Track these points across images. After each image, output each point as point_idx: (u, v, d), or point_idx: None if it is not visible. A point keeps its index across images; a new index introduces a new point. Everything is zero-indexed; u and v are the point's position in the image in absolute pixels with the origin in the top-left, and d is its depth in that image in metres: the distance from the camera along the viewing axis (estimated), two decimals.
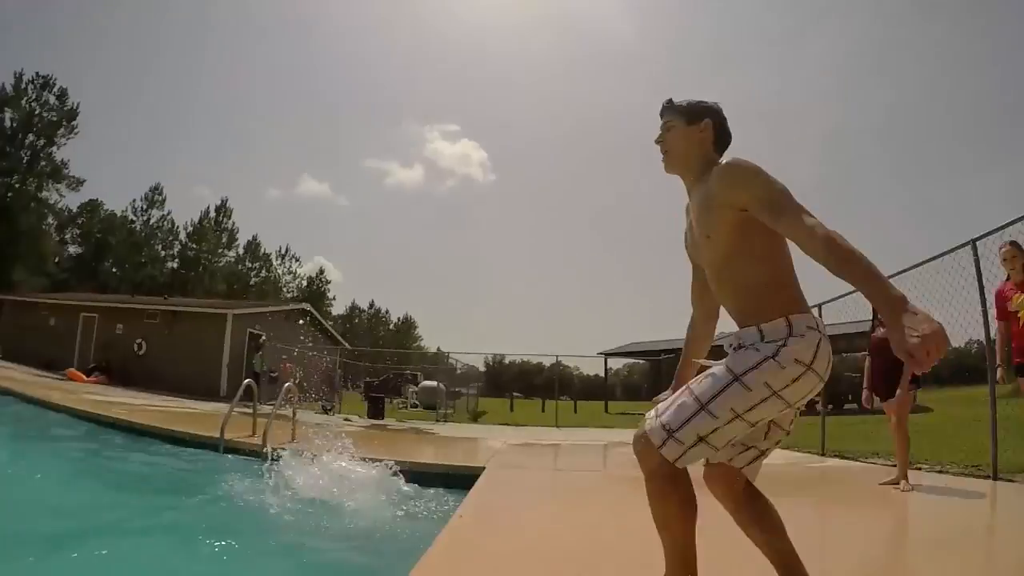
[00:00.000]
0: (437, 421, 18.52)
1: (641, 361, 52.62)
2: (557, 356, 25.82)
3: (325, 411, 18.59)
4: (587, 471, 7.09)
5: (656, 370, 36.87)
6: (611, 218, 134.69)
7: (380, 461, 6.96)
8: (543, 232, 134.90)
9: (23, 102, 54.94)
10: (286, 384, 9.05)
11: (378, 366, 30.99)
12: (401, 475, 6.49)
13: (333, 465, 6.91)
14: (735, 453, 2.15)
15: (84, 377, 22.04)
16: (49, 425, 9.55)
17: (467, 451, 9.33)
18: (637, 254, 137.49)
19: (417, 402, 21.78)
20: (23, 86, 55.34)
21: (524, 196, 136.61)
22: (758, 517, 2.20)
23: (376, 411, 17.43)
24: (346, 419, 16.02)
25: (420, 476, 6.53)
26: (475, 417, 20.48)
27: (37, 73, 56.26)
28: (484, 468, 6.51)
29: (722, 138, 2.30)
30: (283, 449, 7.63)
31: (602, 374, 47.55)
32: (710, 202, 2.11)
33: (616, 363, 58.90)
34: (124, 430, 9.32)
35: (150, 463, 7.60)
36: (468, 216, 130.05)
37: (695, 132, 2.27)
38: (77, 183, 59.68)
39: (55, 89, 56.86)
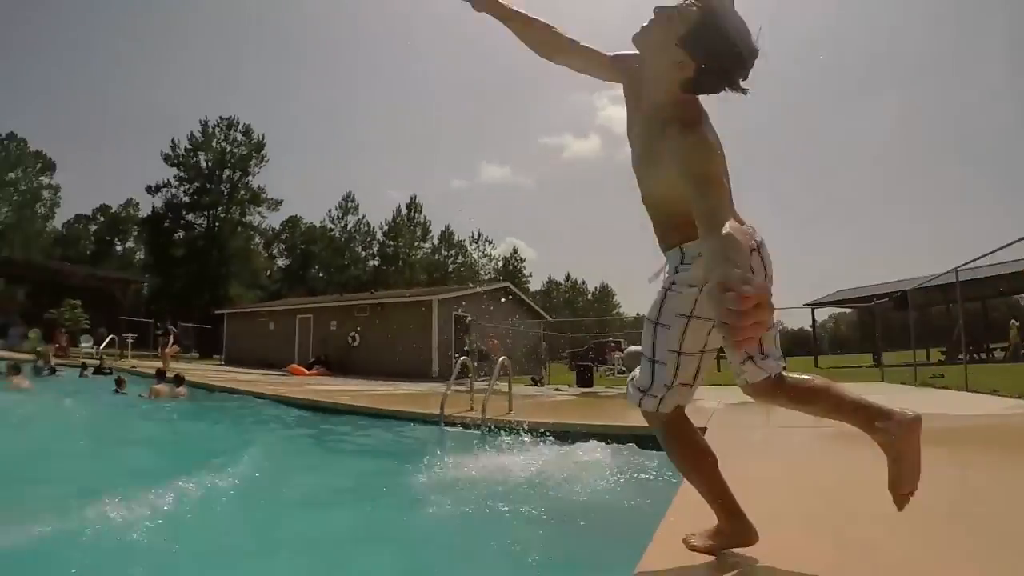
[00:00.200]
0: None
1: (848, 311, 49.75)
2: None
3: (534, 383, 18.68)
4: (808, 427, 6.65)
5: (867, 318, 33.16)
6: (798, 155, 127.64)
7: (595, 425, 6.92)
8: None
9: (214, 143, 61.91)
10: (501, 358, 9.09)
11: (580, 336, 31.07)
12: (615, 439, 6.37)
13: (549, 432, 6.95)
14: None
15: (305, 371, 23.67)
16: (281, 416, 10.08)
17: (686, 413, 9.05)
18: (838, 188, 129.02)
19: (624, 368, 21.55)
20: (211, 130, 62.61)
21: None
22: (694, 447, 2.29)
23: (585, 379, 17.21)
24: (556, 389, 16.01)
25: (639, 439, 6.36)
26: None
27: (221, 117, 63.41)
28: (705, 428, 6.25)
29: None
30: (501, 420, 7.75)
31: (807, 327, 45.07)
32: (656, 155, 1.99)
33: (820, 315, 55.99)
34: (349, 414, 9.66)
35: (379, 440, 7.91)
36: None
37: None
38: (275, 204, 66.47)
39: (240, 127, 63.85)
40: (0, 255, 39.58)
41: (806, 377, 2.11)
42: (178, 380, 12.89)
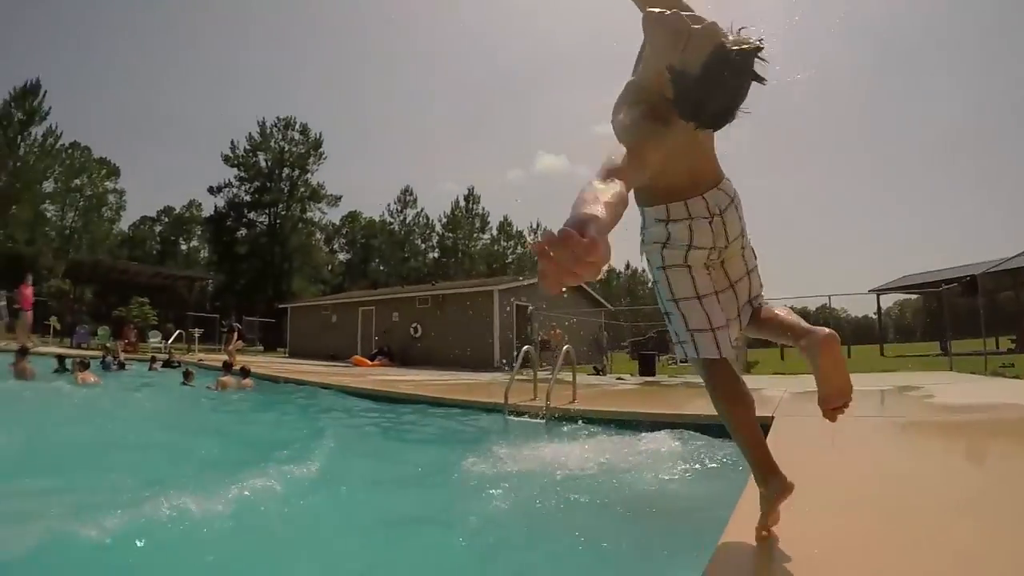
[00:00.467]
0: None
1: (913, 296, 48.22)
2: (829, 296, 22.71)
3: (597, 372, 18.54)
4: (876, 416, 6.54)
5: (934, 305, 32.01)
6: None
7: (661, 414, 6.88)
8: (784, 166, 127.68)
9: (272, 143, 63.84)
10: (565, 347, 9.07)
11: (640, 324, 30.81)
12: (681, 428, 6.27)
13: (614, 420, 6.92)
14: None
15: (368, 362, 24.05)
16: (346, 405, 10.20)
17: None
18: (904, 170, 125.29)
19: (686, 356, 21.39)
20: (269, 130, 64.59)
21: (762, 130, 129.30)
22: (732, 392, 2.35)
23: (647, 368, 17.10)
24: (618, 378, 15.87)
25: (707, 427, 6.33)
26: (747, 368, 19.67)
27: (278, 117, 65.42)
28: (772, 417, 6.19)
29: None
30: (565, 409, 7.73)
31: (871, 315, 43.81)
32: None
33: (885, 302, 54.16)
34: (412, 403, 9.76)
35: (443, 429, 7.95)
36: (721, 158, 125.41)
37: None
38: (335, 200, 68.06)
39: (297, 127, 65.76)
40: (68, 258, 40.93)
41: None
42: (244, 372, 13.19)
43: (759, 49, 1.86)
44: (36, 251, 51.65)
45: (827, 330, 2.15)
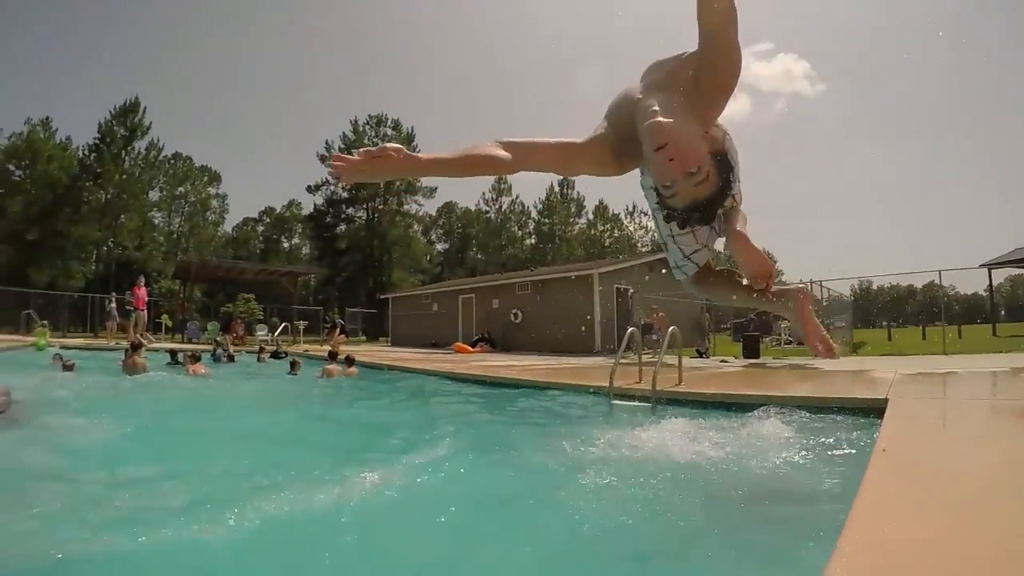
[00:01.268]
0: (814, 356, 17.28)
1: None
2: (939, 271, 20.29)
3: (700, 354, 18.27)
4: (987, 400, 6.24)
5: None
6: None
7: (772, 396, 6.70)
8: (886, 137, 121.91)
9: (366, 140, 65.58)
10: (671, 328, 8.94)
11: (742, 306, 29.97)
12: (794, 410, 6.13)
13: (724, 403, 6.83)
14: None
15: (470, 348, 24.40)
16: (452, 391, 10.34)
17: (862, 383, 8.60)
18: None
19: (791, 338, 20.74)
20: (361, 128, 66.97)
21: (863, 97, 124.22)
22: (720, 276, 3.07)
23: (751, 350, 16.74)
24: (723, 360, 15.65)
25: (821, 409, 6.17)
26: (853, 348, 19.05)
27: (370, 115, 68.04)
28: (886, 399, 6.00)
29: None
30: (672, 392, 7.66)
31: (983, 291, 41.12)
32: None
33: (997, 277, 50.60)
34: (516, 387, 9.84)
35: (548, 413, 7.90)
36: (806, 133, 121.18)
37: None
38: (430, 192, 69.53)
39: (389, 122, 68.13)
40: (177, 259, 43.16)
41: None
42: (349, 361, 13.54)
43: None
44: (146, 255, 56.40)
45: (799, 284, 2.47)
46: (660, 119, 2.13)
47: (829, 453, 4.81)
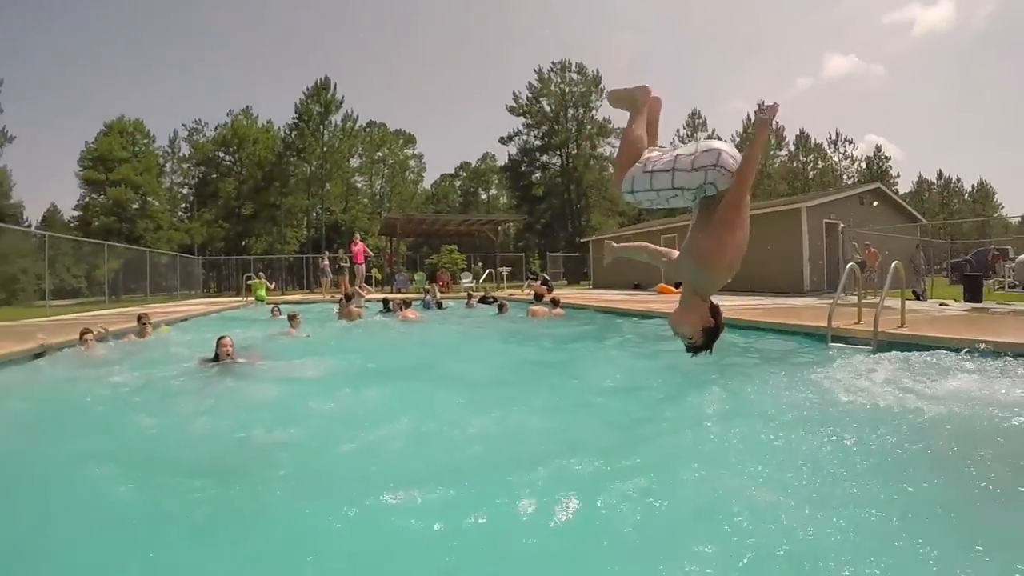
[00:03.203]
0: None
1: None
2: None
3: (916, 296, 16.95)
4: None
5: None
6: None
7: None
8: None
9: (552, 87, 67.18)
10: (894, 263, 8.52)
11: (958, 243, 27.95)
12: None
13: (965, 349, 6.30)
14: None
15: (673, 289, 24.31)
16: (656, 333, 10.03)
17: None
18: None
19: (1016, 281, 18.91)
20: (547, 76, 67.76)
21: None
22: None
23: (974, 293, 15.21)
24: (942, 303, 14.38)
25: None
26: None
27: (553, 62, 68.57)
28: None
29: None
30: (895, 335, 7.39)
31: None
32: None
33: None
34: (730, 327, 9.77)
35: (762, 356, 7.81)
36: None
37: None
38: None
39: (573, 68, 68.20)
40: (382, 218, 45.73)
41: None
42: (554, 302, 14.22)
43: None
44: (352, 217, 62.32)
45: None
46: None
47: None
